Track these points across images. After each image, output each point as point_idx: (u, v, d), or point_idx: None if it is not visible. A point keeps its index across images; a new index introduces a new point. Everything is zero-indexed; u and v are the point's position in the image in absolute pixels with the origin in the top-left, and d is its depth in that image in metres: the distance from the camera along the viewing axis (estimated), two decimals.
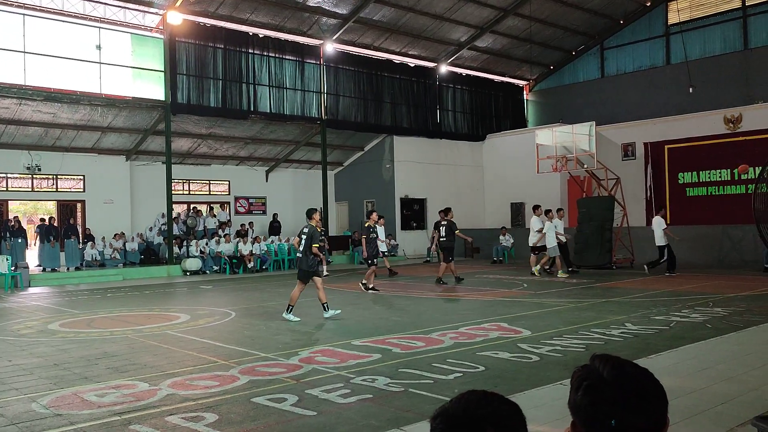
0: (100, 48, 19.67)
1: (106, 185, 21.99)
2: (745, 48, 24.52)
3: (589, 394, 1.35)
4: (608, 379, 1.34)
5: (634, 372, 1.36)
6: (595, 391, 1.34)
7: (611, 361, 1.38)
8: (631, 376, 1.35)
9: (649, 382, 1.36)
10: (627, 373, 1.35)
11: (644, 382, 1.35)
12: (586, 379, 1.36)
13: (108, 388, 6.23)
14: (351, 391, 5.85)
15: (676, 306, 10.80)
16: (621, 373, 1.35)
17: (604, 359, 1.39)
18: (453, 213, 17.19)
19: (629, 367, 1.37)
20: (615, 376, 1.34)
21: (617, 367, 1.36)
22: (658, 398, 1.35)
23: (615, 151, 24.73)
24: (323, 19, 23.09)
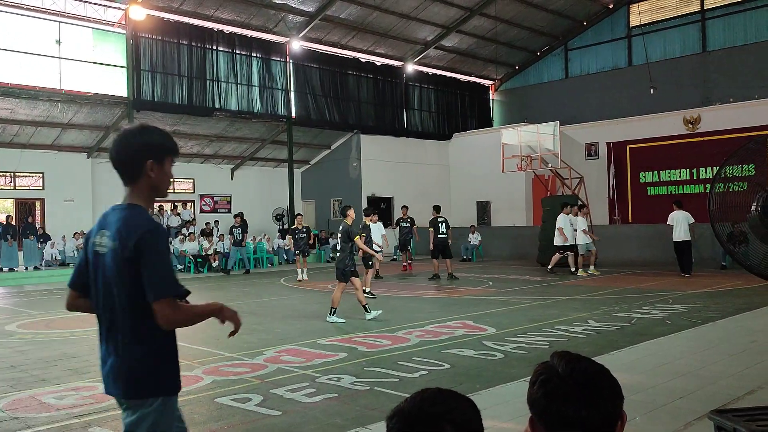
0: (59, 43, 19.23)
1: (67, 183, 21.51)
2: (703, 50, 25.13)
3: (543, 387, 1.39)
4: (562, 374, 1.38)
5: (588, 368, 1.39)
6: (549, 385, 1.37)
7: (567, 357, 1.42)
8: (584, 372, 1.38)
9: (603, 378, 1.39)
10: (581, 368, 1.39)
11: (598, 377, 1.39)
12: (543, 374, 1.40)
13: (67, 390, 6.10)
14: (316, 390, 5.83)
15: (637, 303, 11.02)
16: (575, 368, 1.38)
17: (561, 355, 1.43)
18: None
19: (584, 362, 1.41)
20: (569, 371, 1.39)
21: (571, 362, 1.40)
22: (611, 393, 1.38)
23: (579, 151, 25.13)
24: (289, 16, 22.95)
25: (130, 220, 2.48)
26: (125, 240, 2.42)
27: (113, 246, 2.46)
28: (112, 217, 2.55)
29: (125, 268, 2.43)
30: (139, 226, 2.45)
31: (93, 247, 2.57)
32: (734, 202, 4.47)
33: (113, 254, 2.46)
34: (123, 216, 2.50)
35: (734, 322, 8.96)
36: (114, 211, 2.57)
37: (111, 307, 2.52)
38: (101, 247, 2.53)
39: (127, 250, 2.41)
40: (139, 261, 2.41)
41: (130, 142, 2.56)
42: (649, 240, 20.64)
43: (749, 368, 6.26)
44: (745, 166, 8.45)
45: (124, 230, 2.44)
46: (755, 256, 4.26)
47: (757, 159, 4.34)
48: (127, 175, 2.58)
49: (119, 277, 2.45)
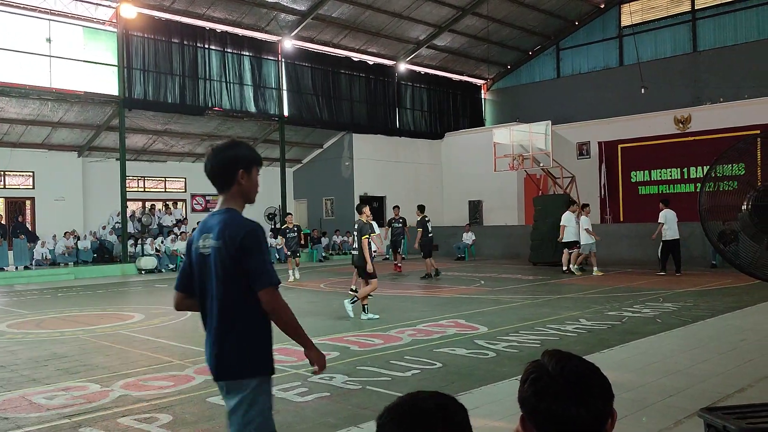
0: (50, 41, 19.12)
1: (57, 182, 21.39)
2: (694, 50, 25.26)
3: (533, 386, 1.40)
4: (552, 372, 1.39)
5: (578, 366, 1.40)
6: (539, 383, 1.38)
7: (557, 355, 1.42)
8: (574, 370, 1.39)
9: (593, 376, 1.40)
10: (571, 366, 1.39)
11: (588, 376, 1.39)
12: (533, 373, 1.41)
13: (57, 390, 6.07)
14: (308, 390, 5.83)
15: (628, 301, 11.07)
16: (565, 366, 1.39)
17: (551, 354, 1.43)
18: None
19: (575, 361, 1.41)
20: (559, 369, 1.39)
21: (562, 360, 1.40)
22: (601, 392, 1.39)
23: (570, 150, 25.21)
24: (281, 15, 22.90)
25: (232, 222, 2.83)
26: (229, 239, 2.77)
27: (217, 245, 2.80)
28: (212, 221, 2.91)
29: (229, 263, 2.76)
30: (243, 227, 2.81)
31: (197, 250, 2.92)
32: (725, 201, 4.51)
33: (217, 252, 2.80)
34: (224, 219, 2.85)
35: (724, 321, 9.02)
36: (213, 216, 2.94)
37: (213, 299, 2.84)
38: (205, 249, 2.87)
39: (232, 247, 2.76)
40: (243, 257, 2.75)
41: (223, 155, 2.97)
42: (640, 239, 20.72)
43: (739, 366, 6.30)
44: (735, 165, 8.55)
45: (228, 231, 2.79)
46: (745, 254, 4.30)
47: (746, 158, 4.36)
48: (221, 184, 2.95)
49: (223, 272, 2.78)
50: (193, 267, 2.94)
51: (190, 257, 2.98)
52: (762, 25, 23.85)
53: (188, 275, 2.97)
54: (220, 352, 2.83)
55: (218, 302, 2.80)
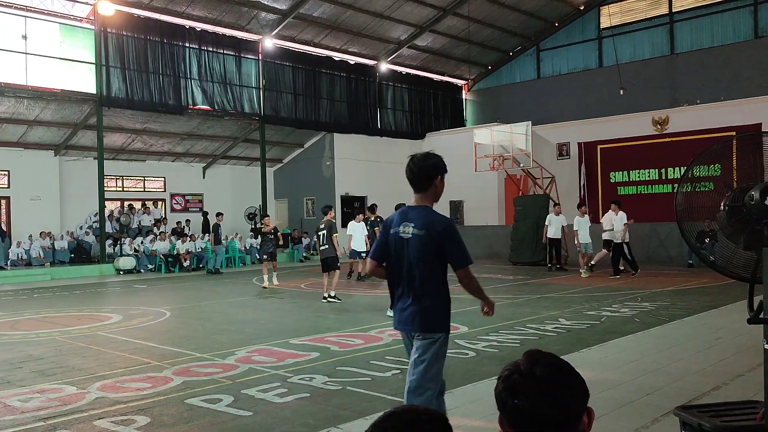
0: (26, 38, 18.84)
1: (33, 181, 21.07)
2: (671, 53, 25.55)
3: (504, 383, 1.42)
4: (524, 370, 1.41)
5: (549, 363, 1.42)
6: (510, 380, 1.41)
7: (531, 354, 1.44)
8: (544, 367, 1.40)
9: (562, 374, 1.41)
10: (542, 364, 1.41)
11: (557, 373, 1.41)
12: (506, 371, 1.43)
13: (32, 392, 5.98)
14: (288, 391, 5.80)
15: (607, 301, 11.17)
16: (535, 364, 1.41)
17: (527, 353, 1.44)
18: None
19: (546, 358, 1.43)
20: (530, 367, 1.41)
21: (533, 358, 1.43)
22: (571, 390, 1.40)
23: (550, 151, 25.38)
24: (262, 14, 22.78)
25: (433, 217, 3.70)
26: (432, 230, 3.63)
27: (419, 233, 3.66)
28: (412, 213, 3.75)
29: (430, 247, 3.63)
30: (442, 221, 3.71)
31: (397, 234, 3.76)
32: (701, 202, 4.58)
33: (418, 238, 3.66)
34: (425, 214, 3.71)
35: (700, 320, 9.14)
36: (413, 209, 3.78)
37: (412, 273, 3.70)
38: (405, 233, 3.72)
39: (434, 235, 3.62)
40: (444, 243, 3.62)
41: (425, 163, 3.77)
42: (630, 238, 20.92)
43: (714, 365, 6.39)
44: (712, 166, 8.64)
45: (430, 223, 3.65)
46: (722, 254, 4.38)
47: (722, 160, 4.41)
48: (420, 186, 3.79)
49: (423, 253, 3.65)
50: (389, 245, 3.81)
51: (386, 237, 3.84)
52: (737, 28, 24.21)
53: (384, 250, 3.86)
54: (420, 312, 3.69)
55: (419, 275, 3.68)
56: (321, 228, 12.37)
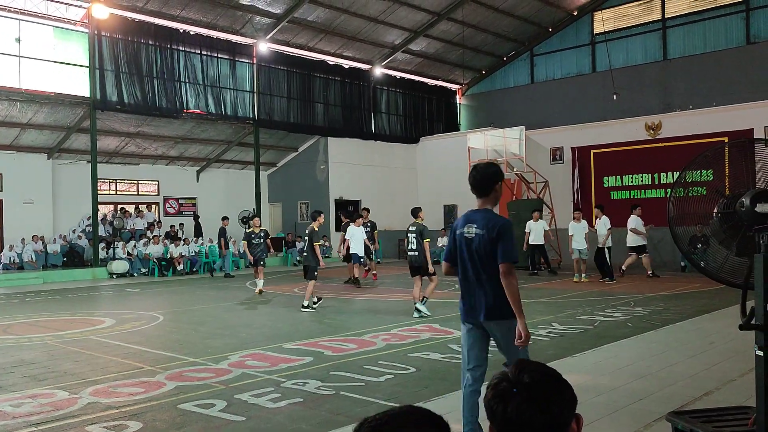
0: (19, 41, 18.78)
1: (26, 184, 20.97)
2: (664, 58, 25.68)
3: (492, 390, 1.44)
4: (511, 377, 1.43)
5: (536, 371, 1.44)
6: (498, 388, 1.43)
7: (519, 363, 1.46)
8: (531, 374, 1.42)
9: (549, 381, 1.43)
10: (529, 371, 1.43)
11: (544, 380, 1.43)
12: (496, 379, 1.45)
13: (24, 397, 5.95)
14: (281, 395, 5.79)
15: (600, 306, 11.20)
16: (522, 371, 1.43)
17: (516, 362, 1.46)
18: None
19: (534, 366, 1.45)
20: (517, 374, 1.43)
21: (521, 366, 1.45)
22: (558, 397, 1.42)
23: (544, 155, 25.44)
24: (257, 18, 22.78)
25: (493, 218, 4.19)
26: (491, 229, 4.11)
27: (481, 232, 4.14)
28: (475, 216, 4.26)
29: (489, 245, 4.10)
30: (499, 222, 4.17)
31: (462, 235, 4.25)
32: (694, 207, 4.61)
33: (481, 238, 4.14)
34: (486, 216, 4.21)
35: (693, 325, 9.18)
36: (476, 212, 4.29)
37: (478, 270, 4.19)
38: (469, 234, 4.21)
39: (492, 235, 4.09)
40: (498, 240, 4.08)
41: (487, 171, 4.30)
42: (612, 244, 20.98)
43: (706, 370, 6.41)
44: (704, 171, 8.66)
45: (490, 224, 4.13)
46: (713, 260, 4.41)
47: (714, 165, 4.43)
48: (482, 191, 4.29)
49: (485, 251, 4.12)
50: (457, 246, 4.29)
51: (454, 239, 4.34)
52: (730, 34, 24.36)
53: (453, 251, 4.34)
54: (492, 302, 4.15)
55: (485, 272, 4.15)
56: (305, 234, 12.32)
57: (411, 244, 10.80)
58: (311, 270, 11.78)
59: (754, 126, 20.50)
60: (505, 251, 4.08)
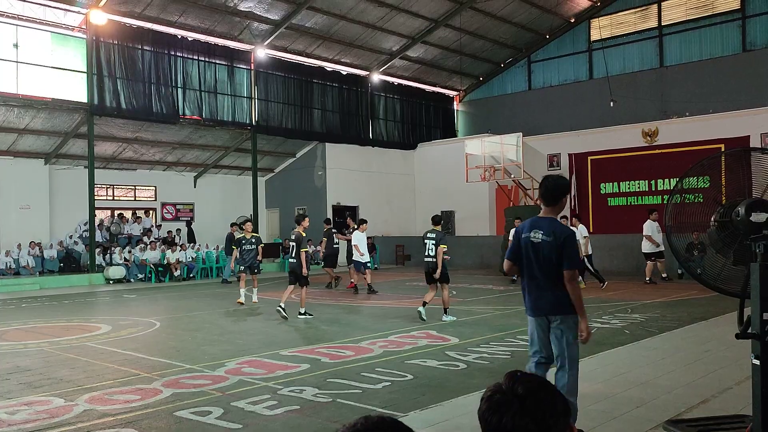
0: (17, 46, 18.79)
1: (23, 190, 20.94)
2: (661, 65, 25.79)
3: (486, 402, 1.45)
4: (505, 389, 1.44)
5: (530, 382, 1.46)
6: (492, 399, 1.44)
7: (511, 374, 1.49)
8: (525, 385, 1.44)
9: (543, 392, 1.45)
10: (522, 381, 1.45)
11: (538, 391, 1.45)
12: (489, 390, 1.46)
13: (19, 404, 5.93)
14: (278, 403, 5.78)
15: (597, 312, 11.19)
16: (516, 382, 1.45)
17: (509, 374, 1.47)
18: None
19: (527, 377, 1.48)
20: (511, 385, 1.44)
21: (514, 377, 1.46)
22: (552, 408, 1.44)
23: (541, 162, 25.50)
24: (255, 24, 22.83)
25: (559, 227, 4.67)
26: (557, 236, 4.58)
27: (547, 239, 4.59)
28: (541, 222, 4.71)
29: (554, 250, 4.58)
30: (565, 231, 4.67)
31: (528, 239, 4.70)
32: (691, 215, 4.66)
33: (547, 243, 4.60)
34: (552, 224, 4.68)
35: (689, 332, 9.18)
36: (542, 219, 4.75)
37: (542, 270, 4.65)
38: (535, 238, 4.65)
39: (558, 242, 4.57)
40: (563, 248, 4.56)
41: (557, 184, 4.77)
42: (610, 250, 21.02)
43: (703, 377, 6.41)
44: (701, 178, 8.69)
45: (557, 231, 4.61)
46: (711, 267, 4.43)
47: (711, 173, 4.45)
48: (550, 201, 4.75)
49: (549, 255, 4.60)
50: (521, 248, 4.76)
51: (519, 241, 4.79)
52: (726, 42, 24.48)
53: (517, 252, 4.80)
54: (556, 300, 4.62)
55: (549, 272, 4.61)
56: (291, 239, 11.84)
57: (429, 250, 10.65)
58: (302, 276, 11.39)
59: (751, 133, 20.59)
60: (570, 259, 4.60)
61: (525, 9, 26.27)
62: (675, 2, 25.52)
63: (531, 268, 4.73)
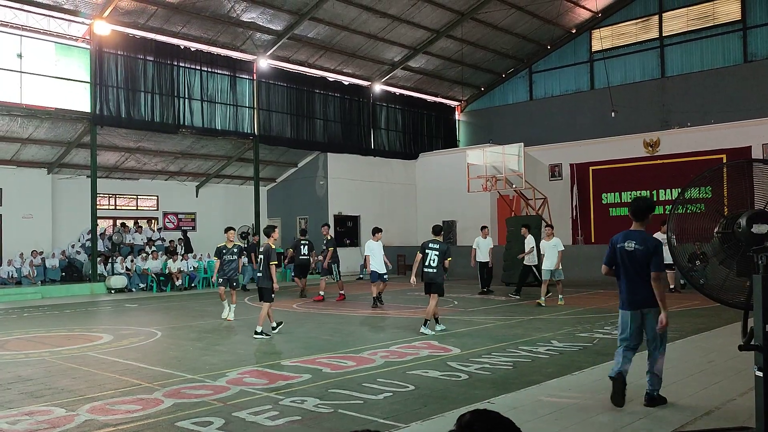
0: (21, 56, 18.88)
1: (26, 199, 20.99)
2: (662, 76, 25.85)
3: None
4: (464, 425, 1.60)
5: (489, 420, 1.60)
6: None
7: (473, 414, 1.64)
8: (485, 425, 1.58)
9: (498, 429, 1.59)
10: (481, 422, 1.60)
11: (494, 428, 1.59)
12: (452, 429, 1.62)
13: (21, 414, 5.91)
14: (279, 413, 5.76)
15: (599, 323, 11.17)
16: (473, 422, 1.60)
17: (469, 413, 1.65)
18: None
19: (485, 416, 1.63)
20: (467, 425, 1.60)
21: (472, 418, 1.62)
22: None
23: (543, 172, 25.51)
24: (257, 34, 22.94)
25: (648, 238, 5.79)
26: (649, 246, 5.68)
27: (639, 247, 5.71)
28: (633, 235, 5.81)
29: (645, 258, 5.68)
30: (654, 241, 5.75)
31: (623, 248, 5.79)
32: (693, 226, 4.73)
33: (639, 251, 5.70)
34: (642, 235, 5.79)
35: (692, 343, 9.15)
36: (632, 232, 5.83)
37: (636, 273, 5.75)
38: (629, 247, 5.75)
39: (650, 250, 5.66)
40: (652, 255, 5.65)
41: (647, 203, 5.92)
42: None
43: (706, 389, 6.39)
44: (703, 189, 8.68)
45: (648, 242, 5.73)
46: (713, 278, 4.49)
47: (713, 183, 4.49)
48: (640, 217, 5.86)
49: (642, 261, 5.69)
50: (616, 255, 5.86)
51: (614, 250, 5.88)
52: (727, 53, 24.55)
53: (613, 258, 5.90)
54: (647, 295, 5.71)
55: (641, 274, 5.71)
56: (260, 252, 11.16)
57: (431, 261, 10.51)
58: (267, 292, 10.66)
59: (752, 144, 20.60)
60: (657, 263, 5.65)
61: (526, 20, 26.38)
62: (676, 13, 25.62)
63: (628, 271, 5.79)
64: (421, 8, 23.96)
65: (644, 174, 22.77)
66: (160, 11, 20.42)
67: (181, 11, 20.64)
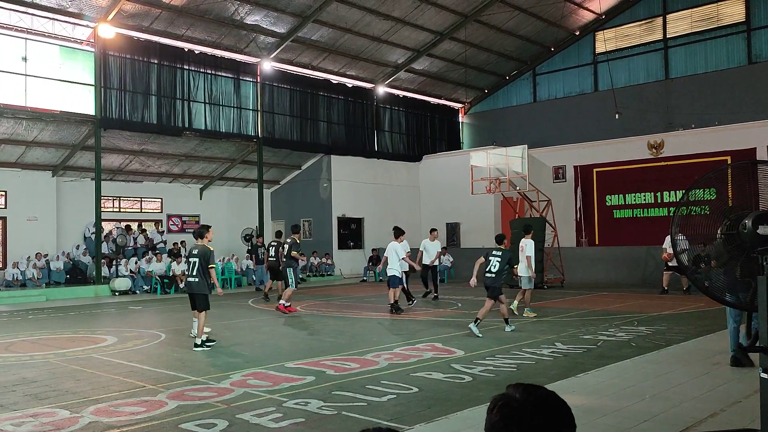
0: (26, 60, 18.95)
1: (30, 202, 21.04)
2: (666, 77, 25.80)
3: (501, 411, 1.47)
4: (520, 398, 1.47)
5: (543, 393, 1.48)
6: (507, 409, 1.47)
7: (522, 386, 1.52)
8: (541, 396, 1.48)
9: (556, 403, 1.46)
10: (537, 393, 1.48)
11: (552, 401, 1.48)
12: (500, 401, 1.49)
13: (25, 416, 5.93)
14: (283, 415, 5.76)
15: (603, 325, 11.15)
16: (531, 394, 1.48)
17: (516, 385, 1.51)
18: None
19: (540, 389, 1.50)
20: (526, 396, 1.48)
21: (528, 389, 1.50)
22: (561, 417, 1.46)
23: (546, 174, 25.49)
24: (261, 37, 22.98)
25: None
26: None
27: None
28: None
29: None
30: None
31: None
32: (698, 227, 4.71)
33: None
34: None
35: (697, 345, 9.13)
36: None
37: None
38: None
39: None
40: None
41: None
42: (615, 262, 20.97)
43: (711, 391, 6.37)
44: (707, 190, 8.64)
45: None
46: (717, 280, 4.49)
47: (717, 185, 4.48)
48: None
49: None
50: None
51: None
52: (731, 54, 24.49)
53: None
54: None
55: None
56: (193, 254, 9.85)
57: (492, 267, 10.80)
58: (202, 299, 9.73)
59: (757, 145, 20.55)
60: None
61: (530, 22, 26.36)
62: (680, 15, 25.57)
63: None
64: (424, 10, 23.98)
65: (648, 176, 22.73)
66: (164, 14, 20.48)
67: (185, 14, 20.70)
